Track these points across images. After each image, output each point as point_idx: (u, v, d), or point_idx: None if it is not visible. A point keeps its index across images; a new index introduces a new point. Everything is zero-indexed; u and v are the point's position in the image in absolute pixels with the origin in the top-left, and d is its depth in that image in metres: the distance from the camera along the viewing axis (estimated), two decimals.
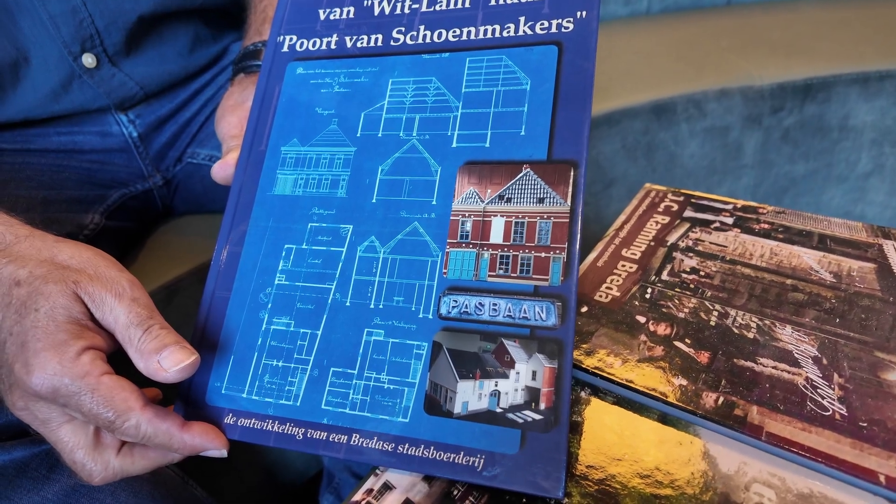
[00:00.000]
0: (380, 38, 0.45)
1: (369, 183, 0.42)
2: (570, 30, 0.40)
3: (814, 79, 0.93)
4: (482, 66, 0.42)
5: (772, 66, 0.95)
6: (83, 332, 0.35)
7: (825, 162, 1.00)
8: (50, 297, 0.34)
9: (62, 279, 0.35)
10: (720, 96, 0.93)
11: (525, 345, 0.35)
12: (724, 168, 0.98)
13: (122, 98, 0.65)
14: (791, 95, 0.94)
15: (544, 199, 0.38)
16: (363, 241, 0.40)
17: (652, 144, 0.93)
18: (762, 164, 0.99)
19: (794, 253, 0.49)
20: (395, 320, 0.38)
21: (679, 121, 0.93)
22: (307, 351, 0.39)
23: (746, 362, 0.40)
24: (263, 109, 0.46)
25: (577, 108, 0.39)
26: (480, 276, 0.37)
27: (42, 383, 0.33)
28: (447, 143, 0.41)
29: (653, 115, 0.92)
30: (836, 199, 1.04)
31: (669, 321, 0.44)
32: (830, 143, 0.98)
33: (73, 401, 0.33)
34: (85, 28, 0.61)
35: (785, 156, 0.99)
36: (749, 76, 0.94)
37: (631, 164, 0.94)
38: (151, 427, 0.35)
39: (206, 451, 0.37)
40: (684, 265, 0.50)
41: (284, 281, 0.41)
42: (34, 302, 0.34)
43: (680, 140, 0.94)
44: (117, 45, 0.63)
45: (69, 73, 0.62)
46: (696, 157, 0.96)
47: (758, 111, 0.94)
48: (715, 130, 0.94)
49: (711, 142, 0.95)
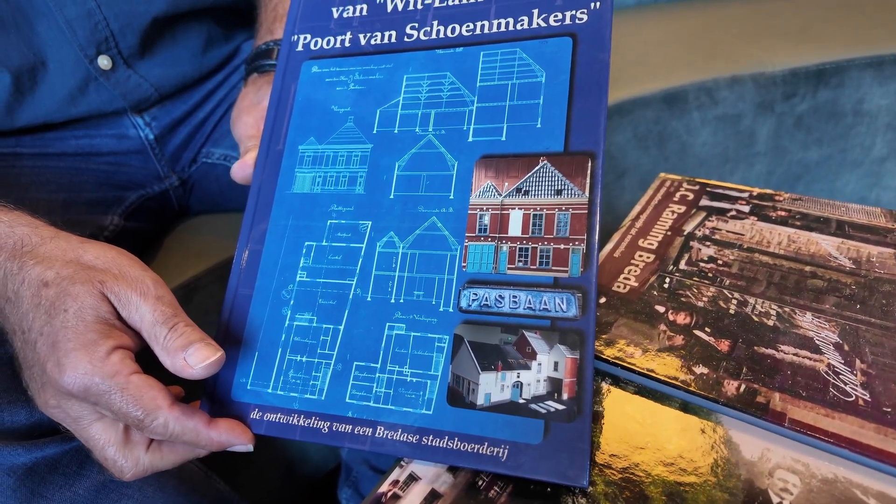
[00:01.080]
0: (393, 34, 0.45)
1: (387, 179, 0.42)
2: (584, 21, 0.40)
3: (827, 64, 0.92)
4: (496, 59, 0.42)
5: (783, 52, 0.94)
6: (111, 331, 0.36)
7: (839, 147, 0.99)
8: (78, 298, 0.35)
9: (89, 279, 0.36)
10: (732, 84, 0.92)
11: (546, 336, 0.35)
12: (736, 156, 0.98)
13: (138, 100, 0.66)
14: (804, 81, 0.93)
15: (562, 190, 0.38)
16: (382, 237, 0.41)
17: (664, 134, 0.93)
18: (775, 151, 0.99)
19: (812, 240, 0.49)
20: (416, 314, 0.38)
21: (691, 109, 0.92)
22: (330, 346, 0.39)
23: (767, 350, 0.40)
24: (280, 109, 0.46)
25: (593, 100, 0.39)
26: (500, 269, 0.38)
27: (74, 382, 0.34)
28: (463, 138, 0.41)
29: (664, 104, 0.91)
30: (851, 184, 1.03)
31: (689, 310, 0.44)
32: (844, 128, 0.98)
33: (103, 399, 0.34)
34: (100, 31, 0.61)
35: (798, 142, 0.98)
36: (761, 63, 0.93)
37: (643, 154, 0.94)
38: (179, 425, 0.36)
39: (232, 446, 0.38)
40: (702, 254, 0.50)
41: (306, 278, 0.41)
42: (63, 303, 0.35)
43: (692, 129, 0.94)
44: (132, 48, 0.64)
45: (85, 75, 0.63)
46: (708, 145, 0.96)
47: (770, 98, 0.94)
48: (727, 118, 0.94)
49: (724, 130, 0.95)
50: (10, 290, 0.37)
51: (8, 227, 0.39)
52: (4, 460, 0.42)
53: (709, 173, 0.98)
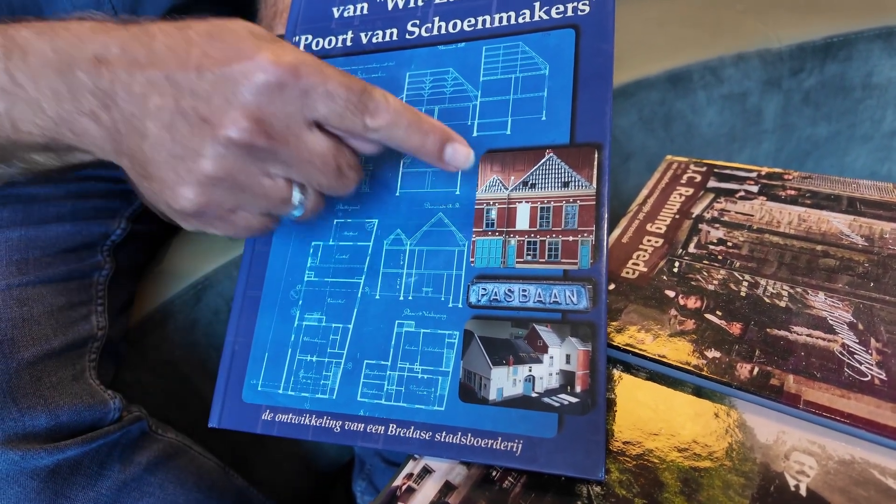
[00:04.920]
0: (395, 32, 0.45)
1: (392, 177, 0.42)
2: (587, 12, 0.40)
3: (834, 37, 0.91)
4: (499, 53, 0.41)
5: (790, 26, 0.93)
6: None
7: (848, 122, 0.98)
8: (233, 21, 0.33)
9: None
10: (737, 61, 0.91)
11: (557, 329, 0.35)
12: (744, 135, 0.96)
13: None
14: (811, 56, 0.92)
15: (569, 182, 0.38)
16: (389, 235, 0.41)
17: (669, 115, 0.92)
18: (783, 129, 0.97)
19: (822, 218, 0.49)
20: (426, 311, 0.38)
21: (696, 89, 0.91)
22: (340, 345, 0.39)
23: (780, 331, 0.40)
24: None
25: (598, 91, 0.39)
26: (508, 263, 0.38)
27: (285, 60, 0.31)
28: (468, 133, 0.41)
29: (669, 84, 0.90)
30: (861, 159, 1.02)
31: (699, 294, 0.44)
32: (853, 102, 0.96)
33: (317, 88, 0.31)
34: None
35: (806, 118, 0.97)
36: (766, 38, 0.92)
37: (648, 136, 0.93)
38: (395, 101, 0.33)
39: None
40: (711, 237, 0.49)
41: (314, 277, 0.41)
42: (218, 30, 0.33)
43: (698, 108, 0.93)
44: None
45: None
46: (714, 124, 0.95)
47: (777, 74, 0.92)
48: (733, 97, 0.93)
49: (730, 108, 0.94)
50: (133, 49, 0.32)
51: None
52: (28, 464, 0.43)
53: (716, 153, 0.98)
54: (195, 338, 0.65)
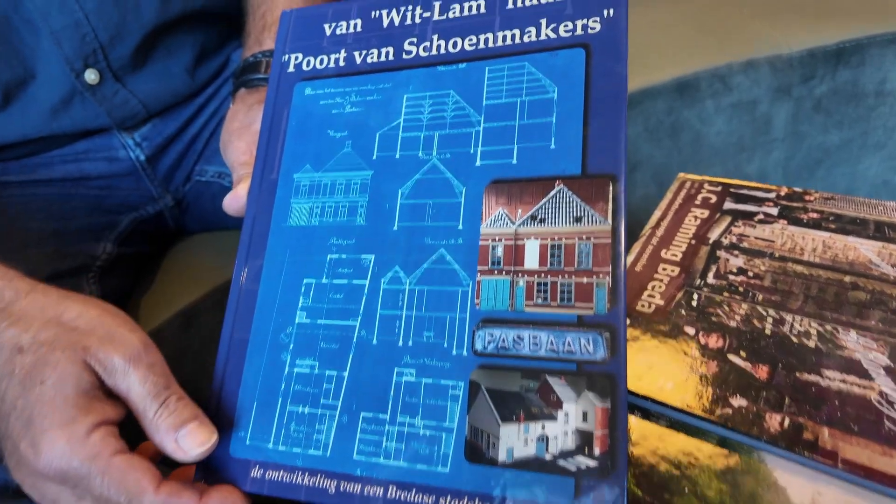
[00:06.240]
0: (391, 51, 0.41)
1: (389, 208, 0.39)
2: (598, 30, 0.37)
3: (846, 42, 0.88)
4: (503, 75, 0.38)
5: (800, 32, 0.90)
6: (93, 404, 0.33)
7: (861, 130, 0.95)
8: (57, 367, 0.32)
9: (70, 345, 0.33)
10: (746, 68, 0.88)
11: (572, 382, 0.32)
12: (753, 144, 0.94)
13: (124, 116, 0.63)
14: (822, 62, 0.89)
15: (582, 217, 0.35)
16: (387, 273, 0.38)
17: (676, 124, 0.89)
18: (793, 137, 0.94)
19: (849, 245, 0.46)
20: (427, 358, 0.35)
21: (704, 97, 0.88)
22: (334, 395, 0.36)
23: (810, 376, 0.37)
24: (273, 135, 0.43)
25: (611, 116, 0.35)
26: (517, 307, 0.34)
27: (50, 465, 0.31)
28: (471, 162, 0.38)
29: (675, 93, 0.87)
30: (874, 167, 0.99)
31: (721, 331, 0.41)
32: (866, 109, 0.93)
33: (82, 483, 0.31)
34: (88, 43, 0.58)
35: (817, 126, 0.94)
36: (776, 44, 0.89)
37: (655, 147, 0.90)
38: None
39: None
40: (730, 265, 0.46)
41: (305, 319, 0.38)
42: (40, 373, 0.32)
43: (705, 118, 0.90)
44: (122, 60, 0.61)
45: (70, 89, 0.59)
46: (723, 134, 0.92)
47: (787, 81, 0.90)
48: (742, 105, 0.90)
49: (739, 117, 0.91)
50: None
51: None
52: None
53: (724, 163, 0.95)
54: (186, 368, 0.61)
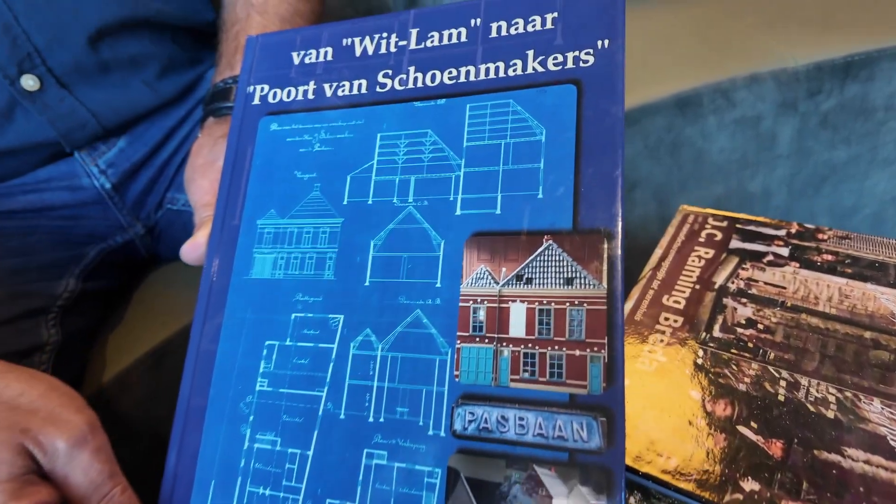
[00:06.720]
0: (364, 83, 0.38)
1: (360, 262, 0.35)
2: (591, 64, 0.33)
3: (855, 55, 0.84)
4: (486, 113, 0.34)
5: (806, 44, 0.86)
6: (26, 489, 0.29)
7: (869, 145, 0.91)
8: None
9: (8, 426, 0.30)
10: (750, 83, 0.84)
11: (563, 474, 0.28)
12: (756, 160, 0.90)
13: (70, 128, 0.58)
14: (829, 76, 0.85)
15: (573, 279, 0.31)
16: (357, 336, 0.34)
17: (677, 142, 0.85)
18: (799, 153, 0.90)
19: (868, 294, 0.42)
20: (400, 438, 0.31)
21: (706, 113, 0.84)
22: (297, 477, 0.32)
23: (830, 455, 0.33)
24: (235, 175, 0.39)
25: (606, 162, 0.32)
26: (501, 381, 0.31)
27: None
28: (450, 211, 0.34)
29: (676, 109, 0.83)
30: (882, 183, 0.95)
31: (729, 397, 0.37)
32: (875, 124, 0.89)
33: None
34: (20, 46, 0.53)
35: (824, 142, 0.90)
36: (781, 58, 0.85)
37: (655, 165, 0.86)
38: None
39: None
40: (738, 316, 0.42)
41: (267, 387, 0.34)
42: None
43: (708, 134, 0.86)
44: (66, 65, 0.55)
45: (9, 98, 0.55)
46: (726, 151, 0.88)
47: (793, 96, 0.86)
48: (746, 121, 0.86)
49: (742, 133, 0.87)
50: None
51: None
52: None
53: (727, 180, 0.91)
54: (156, 413, 0.58)
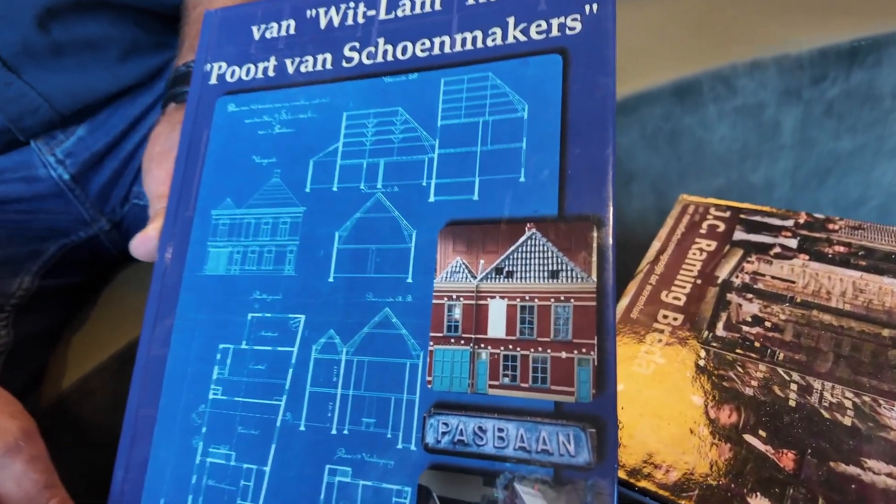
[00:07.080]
0: (328, 58, 0.34)
1: (324, 255, 0.31)
2: (578, 31, 0.29)
3: (861, 40, 0.80)
4: (462, 88, 0.31)
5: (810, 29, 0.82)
6: None
7: (876, 134, 0.88)
8: None
9: None
10: (752, 70, 0.81)
11: (547, 493, 0.25)
12: (759, 151, 0.86)
13: (20, 113, 0.54)
14: (834, 62, 0.82)
15: (559, 272, 0.27)
16: (319, 337, 0.30)
17: (676, 131, 0.82)
18: (802, 143, 0.87)
19: (885, 288, 0.38)
20: (366, 453, 0.28)
21: (706, 102, 0.81)
22: (253, 495, 0.29)
23: (848, 467, 0.30)
24: (190, 161, 0.36)
25: (595, 141, 0.28)
26: (478, 388, 0.27)
27: None
28: (423, 197, 0.30)
29: (675, 97, 0.80)
30: (889, 174, 0.92)
31: (734, 402, 0.34)
32: (882, 112, 0.86)
33: None
34: None
35: (829, 131, 0.86)
36: (784, 43, 0.82)
37: (653, 155, 0.83)
38: None
39: None
40: (743, 312, 0.39)
41: (221, 395, 0.31)
42: None
43: (708, 123, 0.82)
44: (14, 46, 0.52)
45: None
46: (726, 140, 0.84)
47: (796, 83, 0.82)
48: (747, 109, 0.83)
49: (744, 122, 0.83)
50: None
51: None
52: None
53: (728, 171, 0.87)
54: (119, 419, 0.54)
